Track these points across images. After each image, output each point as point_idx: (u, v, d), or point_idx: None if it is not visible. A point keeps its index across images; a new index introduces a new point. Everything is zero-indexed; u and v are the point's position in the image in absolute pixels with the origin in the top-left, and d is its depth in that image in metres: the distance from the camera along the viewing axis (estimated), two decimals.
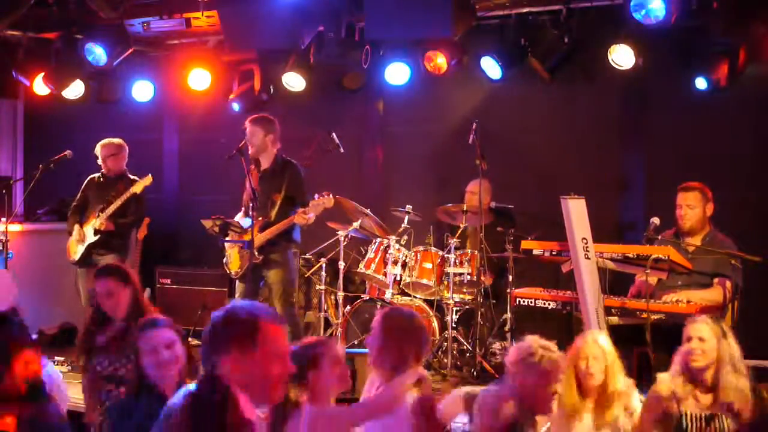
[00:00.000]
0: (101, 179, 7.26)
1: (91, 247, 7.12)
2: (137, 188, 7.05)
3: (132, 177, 7.27)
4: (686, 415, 3.91)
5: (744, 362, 3.97)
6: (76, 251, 7.15)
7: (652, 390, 4.05)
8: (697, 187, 5.59)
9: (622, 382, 4.08)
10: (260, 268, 6.34)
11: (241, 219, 6.60)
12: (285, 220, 6.35)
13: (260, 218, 6.36)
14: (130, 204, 7.13)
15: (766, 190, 6.56)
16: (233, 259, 6.60)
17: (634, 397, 4.14)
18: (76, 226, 7.14)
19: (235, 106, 8.05)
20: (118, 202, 7.05)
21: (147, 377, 3.60)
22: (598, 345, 4.09)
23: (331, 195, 6.23)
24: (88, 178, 7.34)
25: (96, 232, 7.06)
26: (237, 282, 6.62)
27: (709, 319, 4.03)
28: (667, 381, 4.02)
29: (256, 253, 6.28)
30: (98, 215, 7.04)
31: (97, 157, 7.23)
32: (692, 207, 5.53)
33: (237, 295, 6.59)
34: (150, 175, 7.17)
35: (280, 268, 6.41)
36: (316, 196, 6.26)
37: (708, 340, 3.94)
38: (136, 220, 7.33)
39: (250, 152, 6.45)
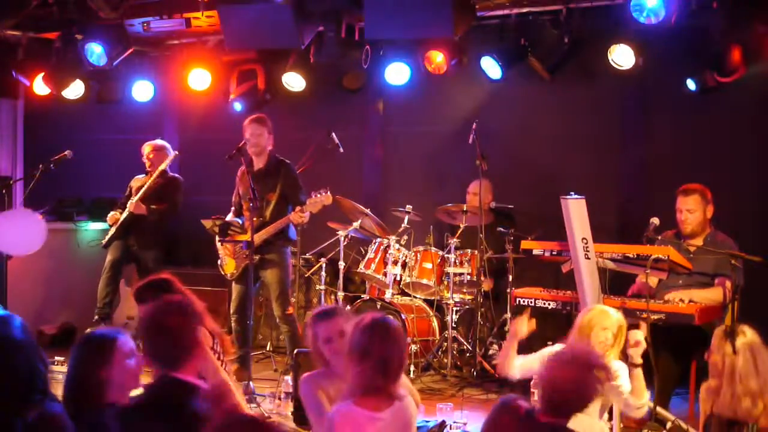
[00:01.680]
0: (144, 176, 7.38)
1: (123, 234, 7.20)
2: (164, 165, 7.11)
3: (172, 174, 7.40)
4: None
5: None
6: (109, 234, 7.32)
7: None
8: (696, 189, 5.57)
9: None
10: (256, 268, 6.33)
11: (232, 219, 6.59)
12: (281, 219, 6.35)
13: (255, 218, 6.34)
14: (165, 189, 7.20)
15: (766, 190, 6.56)
16: (228, 261, 6.60)
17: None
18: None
19: (237, 106, 8.06)
20: (150, 182, 7.14)
21: None
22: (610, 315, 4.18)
23: (329, 191, 6.21)
24: (135, 178, 7.46)
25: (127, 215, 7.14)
26: (233, 284, 6.61)
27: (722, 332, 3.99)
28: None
29: (251, 253, 6.29)
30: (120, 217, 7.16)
31: (141, 155, 7.33)
32: (692, 211, 5.52)
33: (233, 297, 6.58)
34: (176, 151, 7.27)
35: (277, 268, 6.40)
36: (313, 194, 6.26)
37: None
38: (171, 207, 7.34)
39: (250, 152, 6.44)
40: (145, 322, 3.34)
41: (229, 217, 6.64)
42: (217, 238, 6.60)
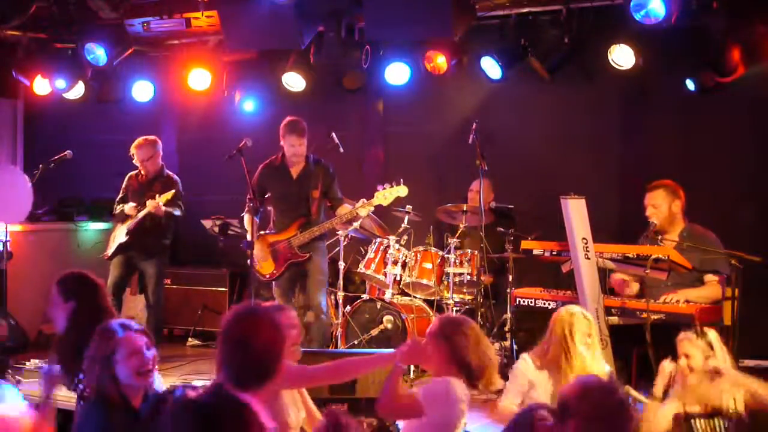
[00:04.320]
0: (140, 177, 7.23)
1: (125, 248, 7.04)
2: (164, 198, 6.84)
3: (168, 173, 7.27)
4: (694, 420, 3.98)
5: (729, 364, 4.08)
6: (111, 247, 7.15)
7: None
8: (661, 184, 5.60)
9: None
10: (297, 265, 6.39)
11: (252, 221, 6.40)
12: (346, 212, 6.40)
13: (301, 217, 6.42)
14: (172, 189, 6.99)
15: (766, 190, 6.56)
16: (265, 263, 6.50)
17: None
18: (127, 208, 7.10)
19: (247, 106, 8.07)
20: (168, 193, 6.89)
21: None
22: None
23: (401, 182, 6.29)
24: (129, 175, 7.30)
25: (127, 232, 6.99)
26: (273, 285, 6.55)
27: (694, 335, 4.11)
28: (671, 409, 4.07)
29: (297, 250, 6.36)
30: (140, 209, 6.95)
31: (132, 157, 7.17)
32: (657, 206, 5.57)
33: (276, 297, 6.53)
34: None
35: (320, 258, 6.48)
36: (379, 187, 6.31)
37: (694, 357, 4.06)
38: (182, 212, 7.14)
39: (291, 160, 6.48)
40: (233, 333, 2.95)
41: (247, 220, 6.43)
42: (248, 237, 6.38)
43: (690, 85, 6.35)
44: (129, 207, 7.05)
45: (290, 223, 6.46)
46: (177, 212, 7.06)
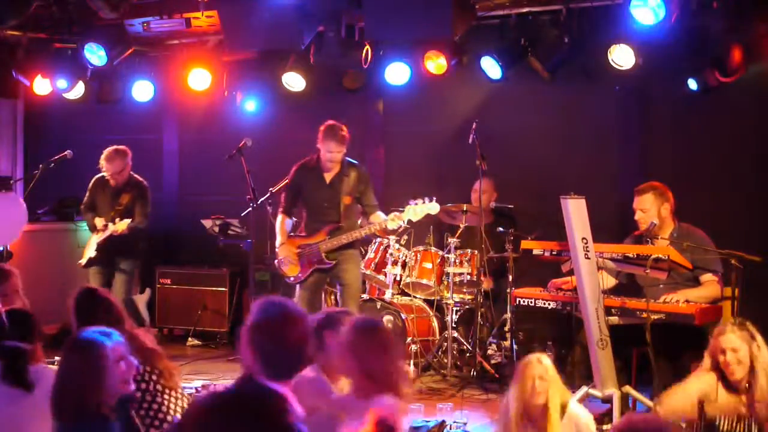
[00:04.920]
0: (108, 183, 7.25)
1: (99, 258, 7.16)
2: (120, 227, 6.96)
3: (136, 178, 7.28)
4: (721, 418, 3.94)
5: None
6: (85, 257, 7.23)
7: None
8: (649, 188, 5.57)
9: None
10: (323, 271, 6.30)
11: (284, 222, 6.45)
12: (376, 223, 6.24)
13: (331, 223, 6.27)
14: (136, 201, 7.14)
15: (766, 190, 6.56)
16: (293, 265, 6.38)
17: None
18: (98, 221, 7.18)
19: (249, 106, 8.07)
20: (124, 200, 7.09)
21: None
22: (542, 364, 3.96)
23: (435, 200, 6.13)
24: (96, 179, 7.31)
25: (97, 248, 7.11)
26: (297, 288, 6.42)
27: (736, 326, 4.03)
28: (697, 384, 4.02)
29: (324, 256, 6.23)
30: (106, 227, 7.06)
31: (101, 168, 7.19)
32: (645, 210, 5.53)
33: (301, 303, 6.33)
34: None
35: (356, 268, 6.36)
36: (411, 201, 6.15)
37: (740, 349, 3.96)
38: (145, 220, 7.26)
39: (326, 165, 6.29)
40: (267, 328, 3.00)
41: (280, 220, 6.43)
42: (278, 242, 6.40)
43: (692, 84, 6.33)
44: (99, 222, 7.16)
45: (320, 227, 6.29)
46: (141, 226, 7.16)
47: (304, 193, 6.42)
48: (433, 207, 6.14)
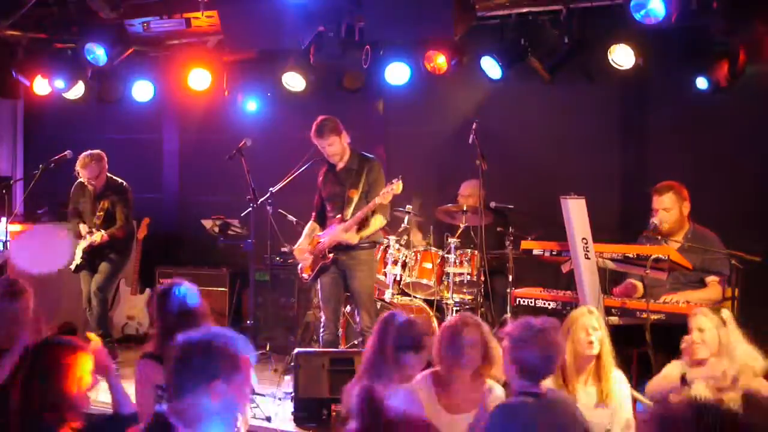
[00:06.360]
0: (87, 189, 7.35)
1: (87, 263, 7.32)
2: (96, 238, 7.13)
3: (115, 181, 7.37)
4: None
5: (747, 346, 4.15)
6: (73, 263, 7.34)
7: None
8: (669, 188, 5.56)
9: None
10: (332, 269, 6.24)
11: (308, 226, 6.45)
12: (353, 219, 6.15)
13: (338, 217, 6.23)
14: (115, 205, 7.26)
15: (766, 190, 6.56)
16: (304, 266, 6.39)
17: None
18: (82, 228, 7.29)
19: (250, 106, 8.07)
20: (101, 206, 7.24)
21: None
22: (594, 315, 4.25)
23: (400, 180, 6.03)
24: (75, 185, 7.41)
25: (82, 255, 7.24)
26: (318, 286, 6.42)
27: (709, 310, 4.21)
28: (678, 366, 4.21)
29: (328, 253, 6.18)
30: (89, 234, 7.17)
31: (77, 175, 7.28)
32: (668, 209, 5.52)
33: (319, 302, 6.47)
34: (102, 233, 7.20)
35: (365, 275, 6.26)
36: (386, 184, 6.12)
37: (707, 330, 4.05)
38: (127, 224, 7.39)
39: (333, 159, 6.27)
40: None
41: (310, 224, 6.46)
42: (298, 242, 6.40)
43: (702, 83, 6.29)
44: (83, 228, 7.28)
45: (330, 223, 6.27)
46: (119, 233, 7.27)
47: (321, 189, 6.44)
48: (396, 187, 6.03)
